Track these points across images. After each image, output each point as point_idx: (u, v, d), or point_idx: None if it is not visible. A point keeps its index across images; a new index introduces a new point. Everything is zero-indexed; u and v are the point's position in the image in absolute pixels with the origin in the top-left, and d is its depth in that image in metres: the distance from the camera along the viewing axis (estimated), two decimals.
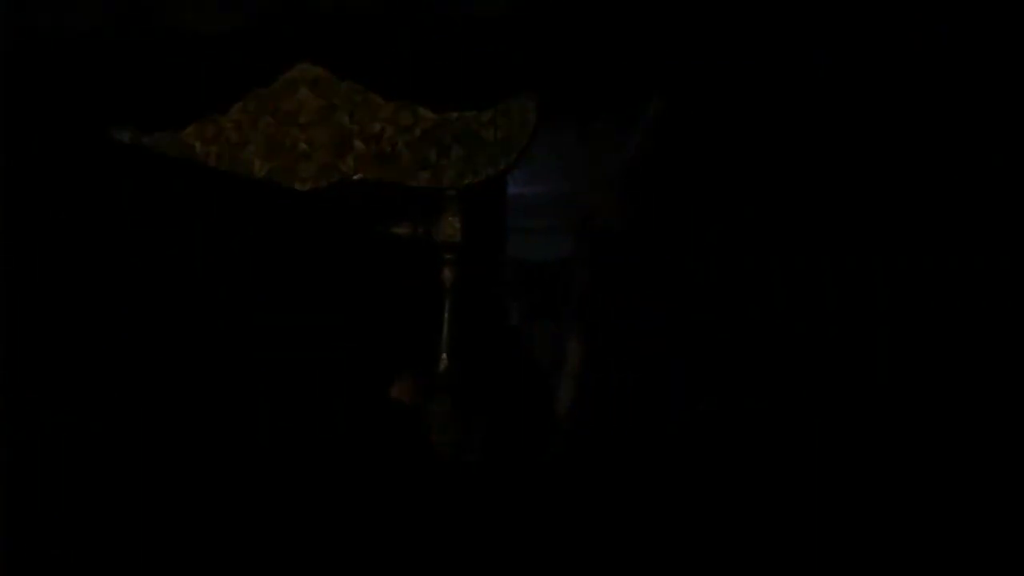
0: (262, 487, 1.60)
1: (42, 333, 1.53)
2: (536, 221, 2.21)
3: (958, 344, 1.65)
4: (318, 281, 2.02)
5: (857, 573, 1.63)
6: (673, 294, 1.92)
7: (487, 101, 2.03)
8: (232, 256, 1.83)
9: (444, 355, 2.02)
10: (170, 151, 2.04)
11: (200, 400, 1.61)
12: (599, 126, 2.04)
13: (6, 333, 1.46)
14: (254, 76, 2.05)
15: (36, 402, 1.44)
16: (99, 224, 1.62)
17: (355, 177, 2.05)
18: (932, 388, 1.65)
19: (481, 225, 2.10)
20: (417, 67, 2.07)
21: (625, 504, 1.78)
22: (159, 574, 1.43)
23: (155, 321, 1.62)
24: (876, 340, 1.67)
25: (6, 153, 1.66)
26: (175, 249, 1.71)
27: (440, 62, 2.06)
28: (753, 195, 1.79)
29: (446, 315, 2.04)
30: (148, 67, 2.05)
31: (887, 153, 1.72)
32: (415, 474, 1.79)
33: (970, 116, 1.71)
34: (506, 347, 2.17)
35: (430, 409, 1.90)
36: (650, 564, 1.72)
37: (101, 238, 1.62)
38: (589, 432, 1.95)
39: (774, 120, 1.74)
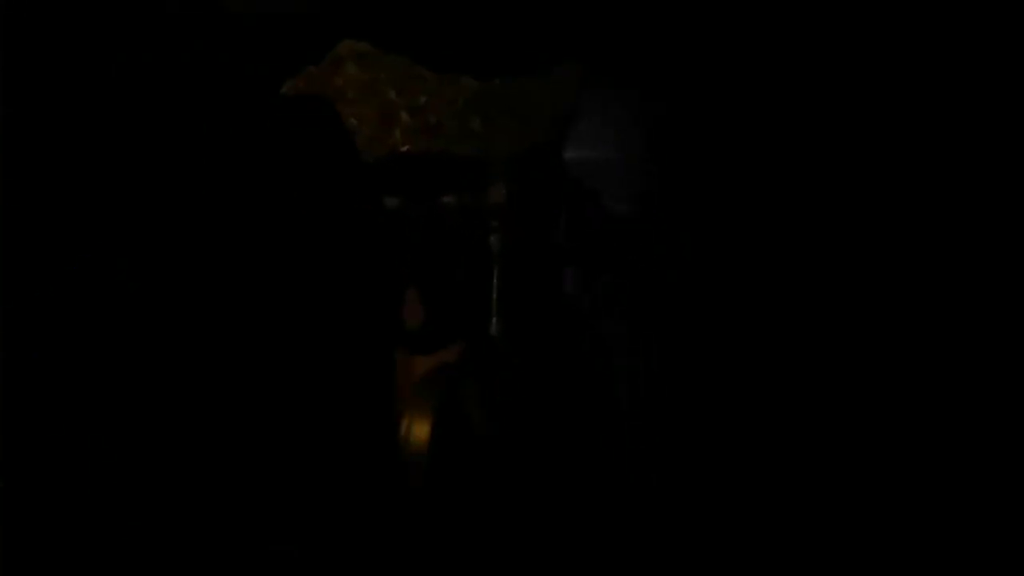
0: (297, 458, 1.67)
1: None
2: (585, 187, 2.19)
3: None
4: (366, 251, 2.09)
5: None
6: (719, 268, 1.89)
7: (531, 70, 2.03)
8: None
9: (494, 323, 2.06)
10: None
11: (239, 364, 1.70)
12: (635, 93, 2.01)
13: None
14: (306, 56, 2.11)
15: None
16: None
17: (402, 149, 2.10)
18: None
19: (528, 193, 2.12)
20: (461, 37, 2.09)
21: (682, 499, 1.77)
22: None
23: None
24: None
25: None
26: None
27: (484, 32, 2.07)
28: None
29: (495, 283, 2.08)
30: (201, 48, 2.14)
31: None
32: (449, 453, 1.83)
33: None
34: (559, 317, 2.18)
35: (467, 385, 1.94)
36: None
37: None
38: (649, 415, 1.93)
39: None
